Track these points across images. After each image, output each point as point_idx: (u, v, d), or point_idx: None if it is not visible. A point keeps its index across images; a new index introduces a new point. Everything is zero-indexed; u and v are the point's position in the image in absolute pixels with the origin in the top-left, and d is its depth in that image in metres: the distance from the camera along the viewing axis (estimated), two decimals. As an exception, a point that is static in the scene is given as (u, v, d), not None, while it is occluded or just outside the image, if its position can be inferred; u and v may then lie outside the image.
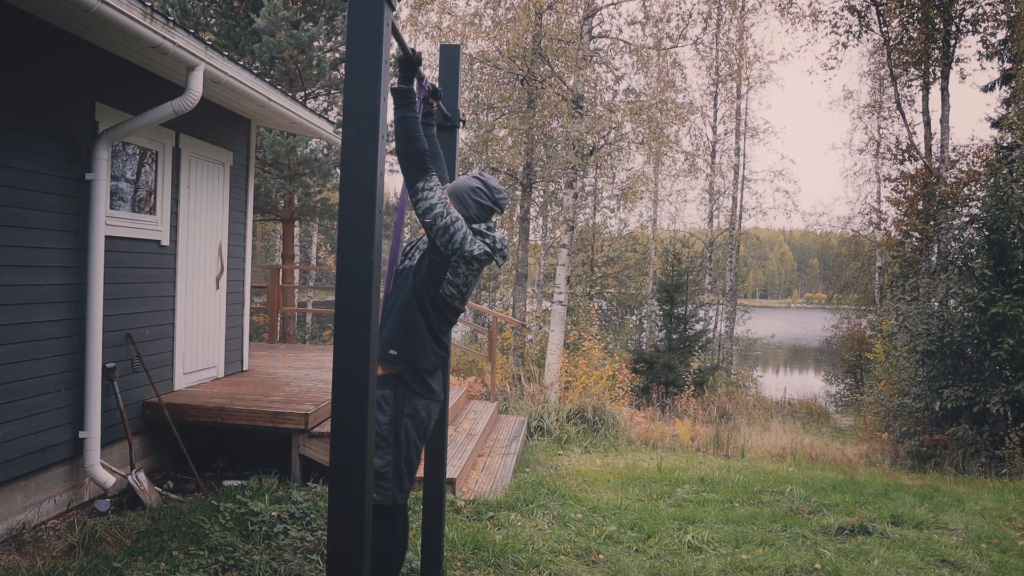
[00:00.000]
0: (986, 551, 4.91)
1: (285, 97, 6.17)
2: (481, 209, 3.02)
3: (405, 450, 2.92)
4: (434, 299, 2.92)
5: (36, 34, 4.26)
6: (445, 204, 2.80)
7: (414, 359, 2.91)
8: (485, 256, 2.92)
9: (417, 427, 2.95)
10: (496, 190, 3.04)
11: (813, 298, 74.99)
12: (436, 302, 2.93)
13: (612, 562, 4.34)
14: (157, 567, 3.66)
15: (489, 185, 3.04)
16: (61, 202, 4.51)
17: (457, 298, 2.98)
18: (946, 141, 17.45)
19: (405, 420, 2.90)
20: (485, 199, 3.02)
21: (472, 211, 3.01)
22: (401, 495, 2.96)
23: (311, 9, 12.40)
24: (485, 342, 16.28)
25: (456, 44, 5.51)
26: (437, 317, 2.96)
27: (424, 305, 2.92)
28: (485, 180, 3.05)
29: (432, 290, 2.91)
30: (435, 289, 2.91)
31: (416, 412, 2.93)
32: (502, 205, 3.06)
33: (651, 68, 14.66)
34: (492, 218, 3.10)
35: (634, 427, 10.65)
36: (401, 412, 2.89)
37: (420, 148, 2.75)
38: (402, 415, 2.90)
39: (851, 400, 20.10)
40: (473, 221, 3.02)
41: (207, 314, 6.42)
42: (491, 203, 3.03)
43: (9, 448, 4.15)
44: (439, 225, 2.78)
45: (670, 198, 25.32)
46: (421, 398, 2.95)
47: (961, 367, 10.24)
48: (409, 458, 2.95)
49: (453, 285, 2.92)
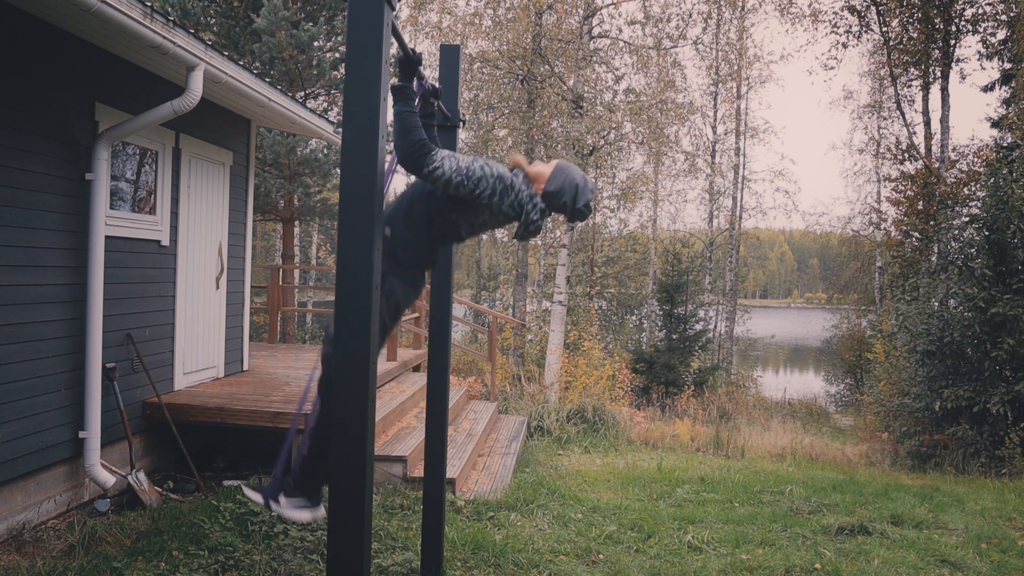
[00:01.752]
0: (986, 551, 4.91)
1: (285, 97, 6.17)
2: (558, 197, 2.95)
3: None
4: (445, 216, 2.88)
5: (36, 34, 4.26)
6: (460, 171, 2.73)
7: (405, 247, 2.86)
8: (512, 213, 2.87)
9: (390, 306, 2.89)
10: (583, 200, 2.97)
11: (813, 298, 74.98)
12: (445, 220, 2.89)
13: (612, 562, 4.34)
14: (157, 567, 3.66)
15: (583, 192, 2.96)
16: (61, 202, 4.51)
17: (464, 229, 2.93)
18: (946, 141, 17.45)
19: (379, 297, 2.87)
20: (568, 195, 2.94)
21: (553, 189, 2.94)
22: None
23: (311, 9, 12.39)
24: (485, 342, 16.28)
25: (456, 44, 5.51)
26: (439, 230, 2.92)
27: (433, 214, 2.88)
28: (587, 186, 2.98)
29: (446, 211, 2.87)
30: (448, 211, 2.87)
31: (393, 291, 2.88)
32: (574, 214, 2.98)
33: (651, 68, 14.67)
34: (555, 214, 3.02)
35: (634, 427, 10.65)
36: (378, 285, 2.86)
37: (416, 138, 2.72)
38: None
39: (851, 400, 20.10)
40: (545, 198, 2.95)
41: (207, 314, 6.42)
42: (569, 200, 2.95)
43: (9, 448, 4.15)
44: (463, 193, 2.75)
45: (670, 198, 25.33)
46: (400, 280, 2.90)
47: (961, 367, 10.24)
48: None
49: (465, 219, 2.88)
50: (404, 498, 5.11)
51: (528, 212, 2.88)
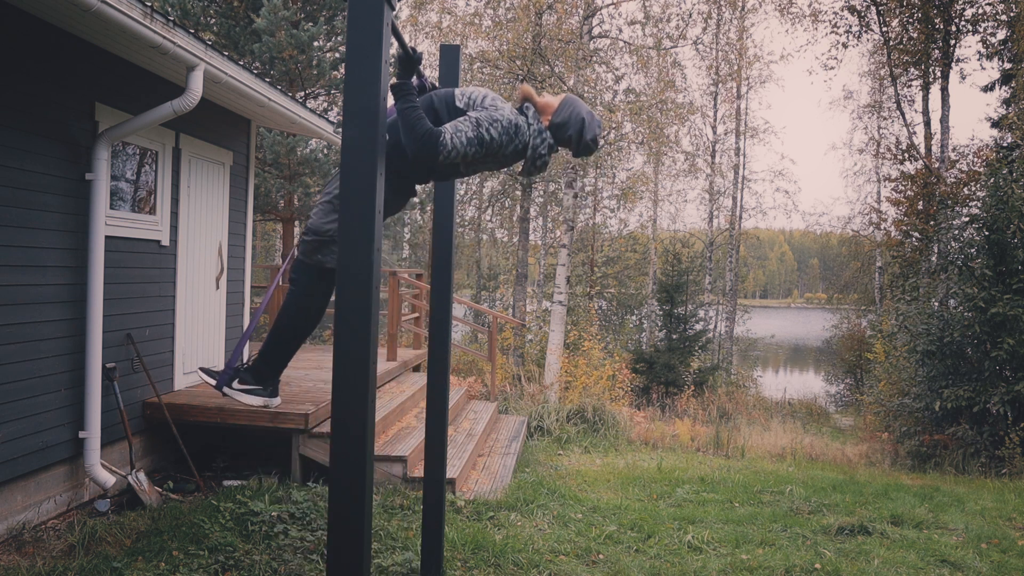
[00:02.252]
0: (986, 551, 4.91)
1: (285, 97, 6.17)
2: (565, 128, 2.95)
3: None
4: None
5: (36, 34, 4.26)
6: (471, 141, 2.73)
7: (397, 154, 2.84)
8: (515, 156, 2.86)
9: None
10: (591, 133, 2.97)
11: (813, 298, 74.96)
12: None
13: (612, 562, 4.34)
14: (157, 567, 3.66)
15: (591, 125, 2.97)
16: (61, 202, 4.51)
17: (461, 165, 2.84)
18: (946, 141, 17.46)
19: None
20: (575, 127, 2.94)
21: (560, 120, 2.94)
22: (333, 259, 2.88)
23: (311, 9, 12.39)
24: (485, 342, 16.28)
25: (456, 44, 5.51)
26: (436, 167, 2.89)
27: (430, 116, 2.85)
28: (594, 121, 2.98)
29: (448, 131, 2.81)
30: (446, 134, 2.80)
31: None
32: (581, 148, 2.99)
33: (651, 68, 14.68)
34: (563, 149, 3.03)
35: (634, 427, 10.65)
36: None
37: (422, 129, 2.70)
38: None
39: (851, 400, 20.11)
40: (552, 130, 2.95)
41: (207, 314, 6.42)
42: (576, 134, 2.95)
43: (9, 448, 4.15)
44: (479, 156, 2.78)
45: (670, 198, 25.37)
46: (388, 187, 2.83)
47: (961, 367, 10.24)
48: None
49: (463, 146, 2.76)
50: (404, 498, 5.11)
51: (536, 147, 2.90)
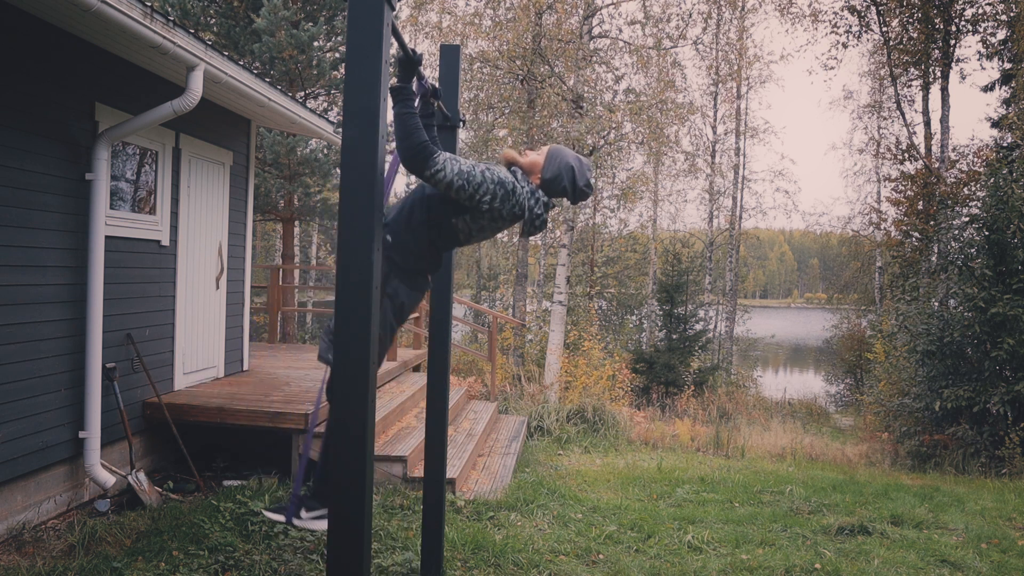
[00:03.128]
0: (986, 551, 4.91)
1: (285, 97, 6.17)
2: (557, 182, 2.95)
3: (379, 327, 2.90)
4: (442, 223, 2.89)
5: (36, 34, 4.26)
6: (462, 174, 2.73)
7: (404, 255, 2.88)
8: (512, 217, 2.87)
9: (395, 308, 2.91)
10: (584, 179, 2.97)
11: (813, 298, 74.97)
12: (443, 225, 2.90)
13: (612, 562, 4.34)
14: (157, 567, 3.66)
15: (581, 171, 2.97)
16: (61, 202, 4.51)
17: (463, 234, 2.92)
18: (946, 141, 17.46)
19: (384, 300, 2.87)
20: (567, 179, 2.94)
21: (550, 176, 2.94)
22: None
23: (311, 9, 12.39)
24: (485, 342, 16.27)
25: (456, 44, 5.51)
26: (439, 235, 2.93)
27: (432, 220, 2.89)
28: (583, 166, 2.98)
29: (445, 217, 2.87)
30: (448, 217, 2.87)
31: (396, 294, 2.90)
32: (577, 195, 2.99)
33: (651, 68, 14.67)
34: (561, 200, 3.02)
35: (634, 427, 10.65)
36: (382, 291, 2.85)
37: (419, 140, 2.73)
38: (383, 294, 2.86)
39: (851, 400, 20.10)
40: (544, 186, 2.95)
41: (207, 314, 6.42)
42: (569, 185, 2.95)
43: (9, 448, 4.15)
44: (464, 196, 2.75)
45: (670, 198, 25.35)
46: (404, 284, 2.92)
47: (961, 367, 10.24)
48: (381, 334, 2.89)
49: (466, 224, 2.88)
50: (404, 498, 5.11)
51: (531, 208, 2.88)
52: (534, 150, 3.07)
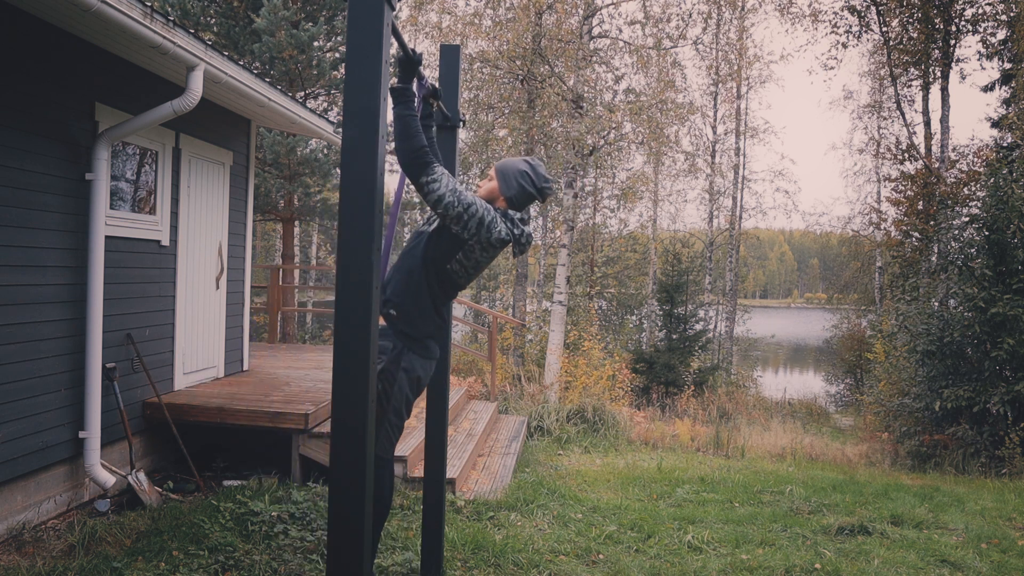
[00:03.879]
0: (986, 551, 4.91)
1: (285, 97, 6.17)
2: (522, 193, 3.00)
3: (396, 402, 2.94)
4: (440, 272, 2.94)
5: (36, 34, 4.26)
6: (455, 192, 2.76)
7: (412, 324, 2.94)
8: (500, 243, 2.90)
9: (411, 382, 2.97)
10: (542, 177, 3.02)
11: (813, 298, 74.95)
12: (441, 275, 2.95)
13: (612, 562, 4.34)
14: (157, 567, 3.66)
15: (537, 171, 3.02)
16: (61, 202, 4.51)
17: (462, 276, 2.98)
18: (946, 141, 17.46)
19: (400, 374, 2.93)
20: (529, 184, 3.00)
21: (513, 191, 3.00)
22: (383, 446, 2.96)
23: (311, 9, 12.39)
24: (485, 342, 16.27)
25: (456, 44, 5.51)
26: (440, 289, 2.99)
27: (430, 276, 2.94)
28: (534, 166, 3.03)
29: (440, 264, 2.92)
30: (443, 264, 2.92)
31: (412, 368, 2.95)
32: (544, 194, 3.03)
33: (651, 68, 14.66)
34: (531, 205, 3.07)
35: (634, 427, 10.65)
36: (397, 366, 2.92)
37: (419, 144, 2.74)
38: (397, 369, 2.92)
39: (851, 400, 20.10)
40: (512, 204, 3.00)
41: (207, 314, 6.42)
42: (534, 189, 3.01)
43: (9, 448, 4.15)
44: (452, 215, 2.78)
45: (670, 198, 25.35)
46: (418, 356, 2.97)
47: (961, 367, 10.24)
48: (399, 410, 2.97)
49: (461, 264, 2.93)
50: (404, 498, 5.11)
51: (511, 231, 2.92)
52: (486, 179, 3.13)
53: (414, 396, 3.03)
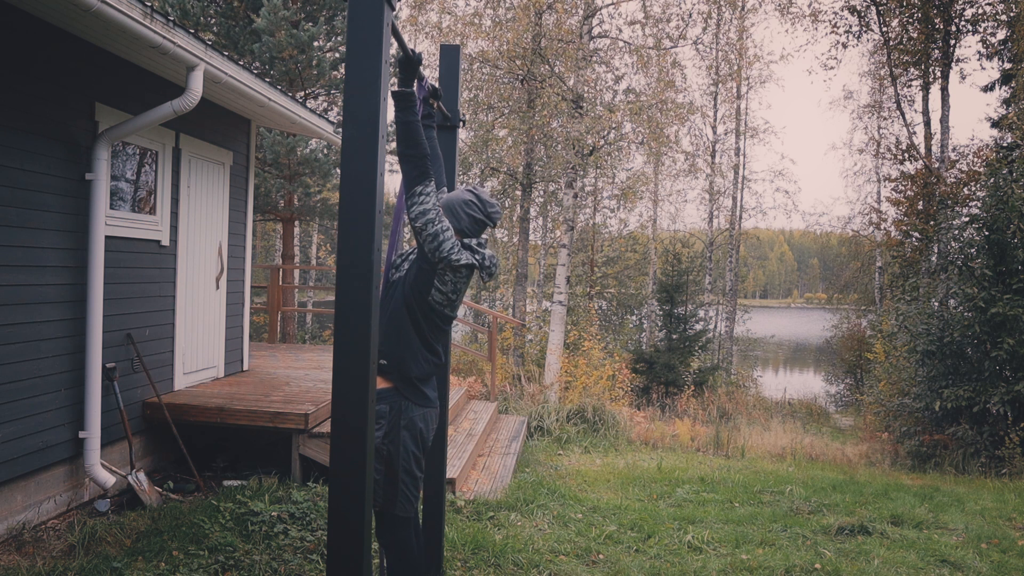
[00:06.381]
0: (986, 551, 4.91)
1: (285, 97, 6.17)
2: (473, 223, 3.02)
3: (405, 462, 2.90)
4: (423, 307, 2.92)
5: (36, 34, 4.26)
6: (438, 212, 2.81)
7: (405, 367, 2.90)
8: (468, 268, 2.91)
9: (415, 438, 2.93)
10: (488, 204, 3.04)
11: (813, 298, 75.01)
12: (425, 310, 2.92)
13: (612, 562, 4.34)
14: (157, 567, 3.66)
15: (482, 199, 3.04)
16: (61, 202, 4.51)
17: (446, 305, 2.96)
18: (946, 141, 17.46)
19: (402, 433, 2.89)
20: (478, 212, 3.02)
21: (464, 224, 3.01)
22: (403, 506, 2.93)
23: (311, 9, 12.39)
24: (485, 342, 16.27)
25: (456, 44, 5.51)
26: (427, 325, 2.95)
27: (414, 313, 2.91)
28: (478, 194, 3.05)
29: (421, 298, 2.90)
30: (424, 297, 2.90)
31: (413, 424, 2.92)
32: (494, 219, 3.05)
33: (651, 68, 14.66)
34: (484, 233, 3.09)
35: (634, 427, 10.65)
36: (397, 426, 2.88)
37: (422, 152, 2.75)
38: (399, 428, 2.89)
39: (851, 400, 20.10)
40: (465, 235, 3.02)
41: (207, 314, 6.42)
42: (483, 216, 3.03)
43: (9, 448, 4.15)
44: (429, 232, 2.79)
45: (670, 198, 25.31)
46: (417, 407, 2.94)
47: (961, 367, 10.24)
48: (410, 469, 2.92)
49: (441, 292, 2.91)
50: (404, 498, 5.10)
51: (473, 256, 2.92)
52: None
53: (422, 451, 2.99)
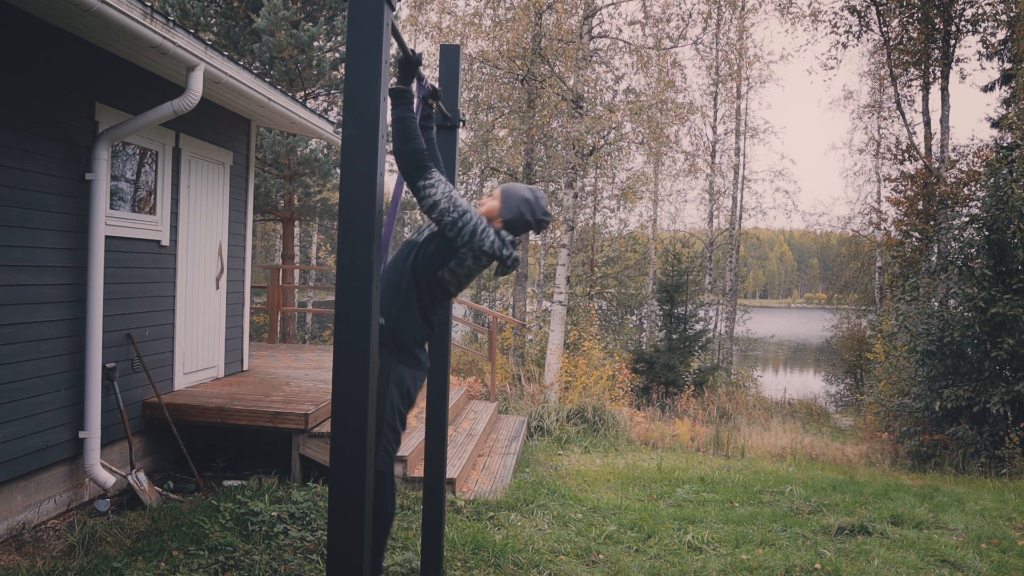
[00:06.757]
0: (986, 551, 4.91)
1: (285, 97, 6.17)
2: (520, 219, 3.03)
3: (389, 416, 2.95)
4: (430, 280, 2.95)
5: (36, 34, 4.26)
6: (450, 198, 2.77)
7: (399, 333, 2.94)
8: (490, 256, 2.91)
9: (401, 395, 2.97)
10: (543, 210, 3.05)
11: (813, 298, 75.01)
12: (431, 283, 2.96)
13: (612, 562, 4.34)
14: (157, 567, 3.66)
15: (539, 203, 3.04)
16: (61, 202, 4.51)
17: (453, 284, 2.99)
18: (946, 141, 17.46)
19: (391, 388, 2.93)
20: (528, 212, 3.03)
21: (512, 216, 3.02)
22: (382, 459, 2.97)
23: (311, 9, 12.39)
24: (485, 342, 16.27)
25: (456, 44, 5.51)
26: (429, 296, 2.99)
27: (419, 283, 2.94)
28: (539, 197, 3.05)
29: (431, 272, 2.93)
30: (434, 272, 2.93)
31: (401, 380, 2.96)
32: (541, 226, 3.06)
33: (651, 68, 14.66)
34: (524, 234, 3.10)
35: (634, 427, 10.65)
36: (386, 379, 2.92)
37: (417, 147, 2.75)
38: (387, 383, 2.92)
39: (851, 400, 20.10)
40: (509, 227, 3.02)
41: (207, 314, 6.42)
42: (532, 219, 3.04)
43: (9, 448, 4.15)
44: (446, 221, 2.79)
45: (670, 198, 25.31)
46: (407, 367, 2.97)
47: (961, 367, 10.24)
48: (393, 424, 2.97)
49: (452, 272, 2.93)
50: (404, 498, 5.11)
51: (500, 250, 2.92)
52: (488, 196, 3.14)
53: (406, 408, 3.03)
